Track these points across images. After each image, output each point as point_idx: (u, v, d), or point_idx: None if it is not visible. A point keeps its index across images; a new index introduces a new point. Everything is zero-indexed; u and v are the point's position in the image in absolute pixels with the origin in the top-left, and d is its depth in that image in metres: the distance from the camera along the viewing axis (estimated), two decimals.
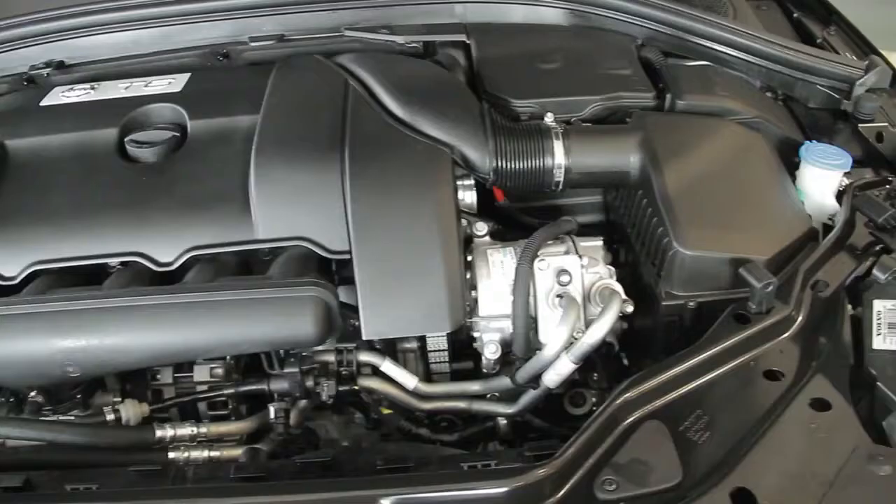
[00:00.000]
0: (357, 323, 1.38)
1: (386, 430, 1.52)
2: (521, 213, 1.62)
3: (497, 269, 1.40)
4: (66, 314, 1.32)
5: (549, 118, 1.50)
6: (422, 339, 1.48)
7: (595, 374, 1.54)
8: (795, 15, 1.94)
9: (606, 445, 1.12)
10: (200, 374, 1.49)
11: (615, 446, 1.12)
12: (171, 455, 1.33)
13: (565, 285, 1.33)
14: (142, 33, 1.80)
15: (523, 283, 1.35)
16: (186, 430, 1.35)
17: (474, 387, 1.45)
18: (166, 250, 1.42)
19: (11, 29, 1.79)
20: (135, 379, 1.49)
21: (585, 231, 1.50)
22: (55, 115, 1.65)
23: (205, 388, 1.48)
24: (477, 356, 1.49)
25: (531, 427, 1.52)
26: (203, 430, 1.36)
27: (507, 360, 1.46)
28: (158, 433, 1.34)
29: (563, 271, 1.33)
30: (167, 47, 1.80)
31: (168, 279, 1.43)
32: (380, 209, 1.37)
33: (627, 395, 1.16)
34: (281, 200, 1.41)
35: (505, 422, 1.49)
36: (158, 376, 1.50)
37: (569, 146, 1.45)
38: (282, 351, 1.43)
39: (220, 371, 1.49)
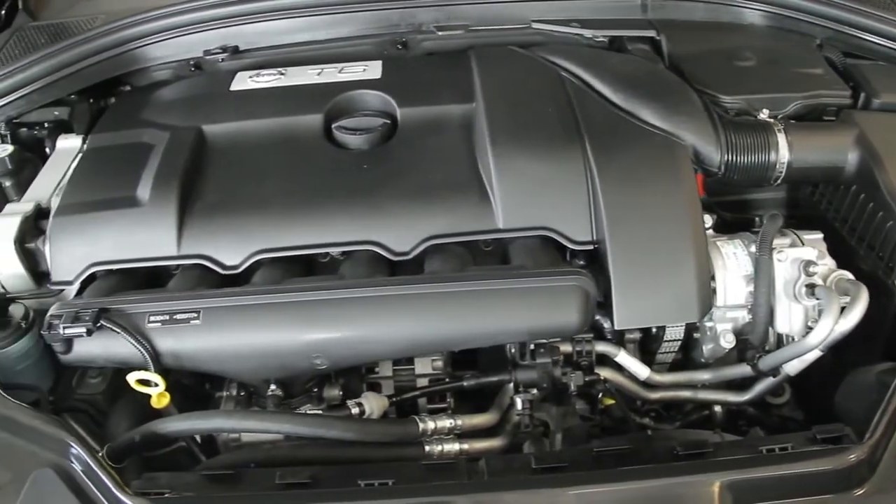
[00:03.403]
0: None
1: (599, 421, 1.53)
2: (717, 208, 1.66)
3: (732, 260, 1.43)
4: (320, 304, 1.28)
5: (764, 114, 1.54)
6: (644, 330, 1.49)
7: None
8: None
9: None
10: (422, 366, 1.48)
11: None
12: (426, 448, 1.31)
13: (812, 276, 1.37)
14: (315, 19, 1.76)
15: (766, 273, 1.37)
16: (445, 423, 1.32)
17: (704, 376, 1.47)
18: (403, 239, 1.39)
19: (183, 14, 1.72)
20: (347, 373, 1.47)
21: None
22: (250, 100, 1.61)
23: (426, 380, 1.47)
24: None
25: (741, 415, 1.56)
26: (459, 422, 1.34)
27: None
28: (420, 427, 1.31)
29: (809, 262, 1.36)
30: (342, 34, 1.76)
31: (400, 268, 1.41)
32: (631, 201, 1.37)
33: None
34: (524, 191, 1.40)
35: (720, 409, 1.53)
36: (377, 369, 1.48)
37: (791, 142, 1.49)
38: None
39: (440, 364, 1.48)
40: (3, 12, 1.96)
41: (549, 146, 1.42)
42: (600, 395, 1.47)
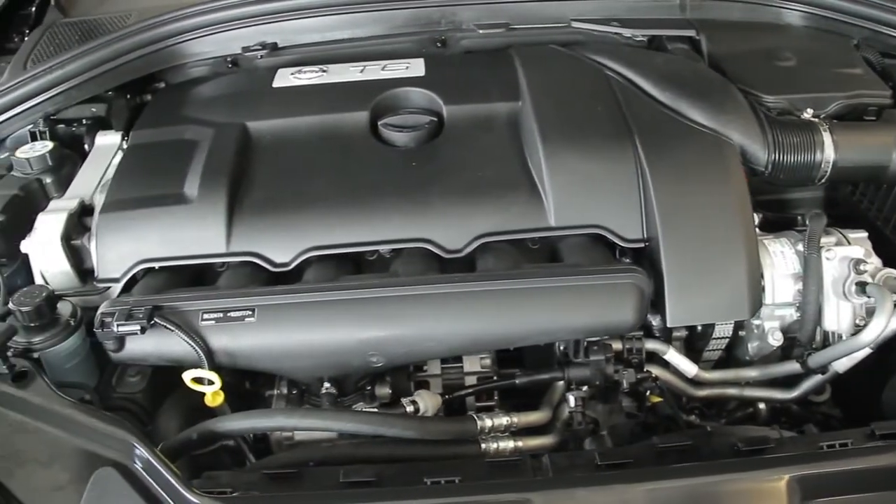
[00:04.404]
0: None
1: (644, 418, 1.53)
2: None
3: (779, 258, 1.44)
4: (379, 301, 1.28)
5: (808, 113, 1.55)
6: (690, 327, 1.50)
7: None
8: None
9: None
10: (470, 364, 1.47)
11: None
12: (482, 446, 1.31)
13: (862, 274, 1.38)
14: (354, 17, 1.75)
15: (816, 272, 1.39)
16: (502, 420, 1.32)
17: (751, 373, 1.48)
18: (455, 237, 1.39)
19: (221, 11, 1.71)
20: (395, 371, 1.46)
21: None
22: (294, 97, 1.60)
23: (474, 378, 1.46)
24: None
25: (785, 412, 1.56)
26: (515, 419, 1.33)
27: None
28: (479, 424, 1.30)
29: (860, 261, 1.38)
30: (380, 31, 1.76)
31: (450, 266, 1.41)
32: (682, 199, 1.38)
33: None
34: (576, 189, 1.40)
35: (764, 407, 1.54)
36: (425, 367, 1.47)
37: (837, 141, 1.50)
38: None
39: (488, 362, 1.48)
40: (33, 9, 1.94)
41: (600, 144, 1.42)
42: (648, 393, 1.48)
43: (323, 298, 1.28)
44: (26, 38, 1.89)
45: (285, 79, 1.65)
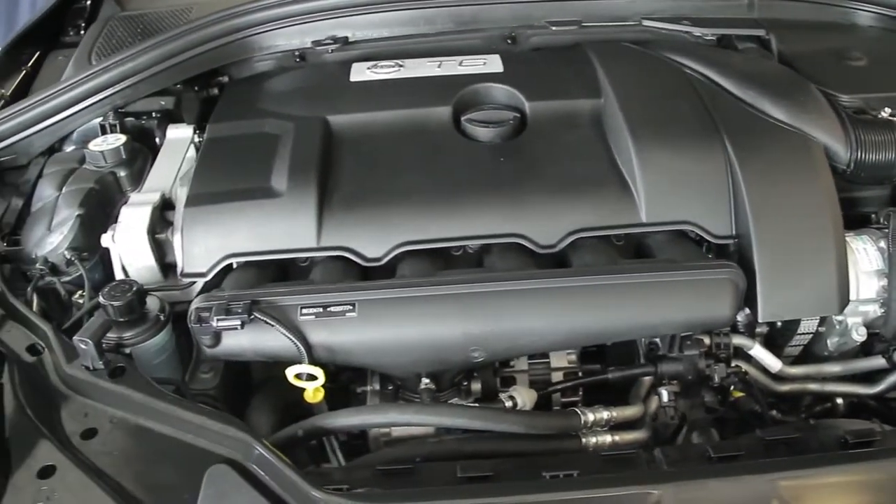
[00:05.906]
0: None
1: (723, 414, 1.54)
2: None
3: (862, 255, 1.46)
4: (482, 296, 1.27)
5: (886, 112, 1.57)
6: (771, 323, 1.51)
7: None
8: None
9: None
10: (557, 360, 1.47)
11: None
12: (583, 441, 1.31)
13: None
14: (425, 13, 1.74)
15: None
16: (602, 414, 1.32)
17: (835, 368, 1.49)
18: (548, 232, 1.39)
19: (293, 4, 1.69)
20: (481, 367, 1.45)
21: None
22: (374, 91, 1.59)
23: (560, 375, 1.47)
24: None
25: (863, 407, 1.58)
26: (615, 414, 1.33)
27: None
28: (582, 419, 1.30)
29: None
30: (452, 27, 1.75)
31: (542, 262, 1.40)
32: (774, 197, 1.39)
33: None
34: (668, 185, 1.41)
35: (842, 402, 1.56)
36: (512, 363, 1.47)
37: None
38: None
39: (573, 357, 1.48)
40: (89, 2, 1.91)
41: (690, 141, 1.43)
42: (731, 388, 1.48)
43: (426, 293, 1.27)
44: (83, 32, 1.85)
45: (362, 73, 1.63)
